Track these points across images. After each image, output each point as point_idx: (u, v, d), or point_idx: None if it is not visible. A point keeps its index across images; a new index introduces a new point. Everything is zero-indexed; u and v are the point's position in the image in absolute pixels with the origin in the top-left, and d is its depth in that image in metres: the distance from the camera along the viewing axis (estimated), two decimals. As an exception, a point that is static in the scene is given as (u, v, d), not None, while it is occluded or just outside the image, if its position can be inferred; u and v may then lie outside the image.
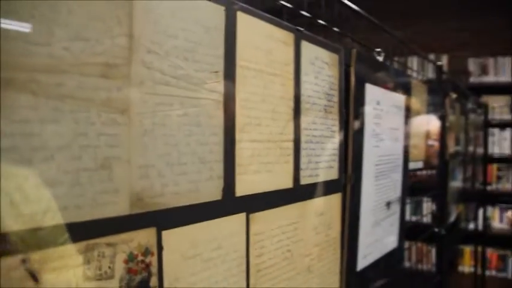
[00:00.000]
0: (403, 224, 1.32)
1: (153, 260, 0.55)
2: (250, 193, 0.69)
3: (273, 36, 0.74)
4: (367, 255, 1.09)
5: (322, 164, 0.89)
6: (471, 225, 3.47)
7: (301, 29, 0.81)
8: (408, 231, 1.64)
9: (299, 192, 0.82)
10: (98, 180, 0.48)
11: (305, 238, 0.84)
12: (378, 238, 1.15)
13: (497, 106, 4.39)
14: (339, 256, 0.97)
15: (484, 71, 4.52)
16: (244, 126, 0.68)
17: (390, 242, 1.24)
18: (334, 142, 0.93)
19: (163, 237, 0.55)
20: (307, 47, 0.82)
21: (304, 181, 0.83)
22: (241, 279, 0.69)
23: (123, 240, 0.51)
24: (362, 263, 1.07)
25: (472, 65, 4.59)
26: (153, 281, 0.55)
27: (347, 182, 0.97)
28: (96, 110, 0.47)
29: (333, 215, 0.94)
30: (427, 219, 2.33)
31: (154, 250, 0.55)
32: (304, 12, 0.86)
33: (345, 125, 0.96)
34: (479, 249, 3.62)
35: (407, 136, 1.31)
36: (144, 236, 0.53)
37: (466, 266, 4.16)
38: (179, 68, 0.56)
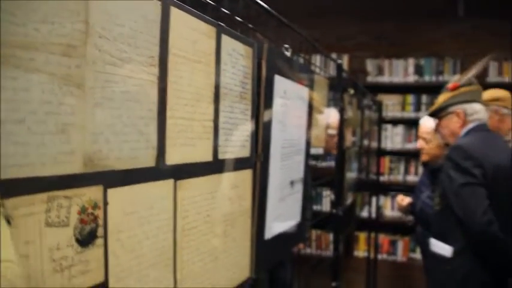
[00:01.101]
0: (305, 201, 1.53)
1: (100, 213, 0.67)
2: (178, 163, 0.83)
3: (199, 29, 0.88)
4: (274, 226, 1.28)
5: (236, 143, 1.05)
6: (365, 213, 3.87)
7: (222, 24, 0.96)
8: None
9: (217, 166, 0.97)
10: (59, 142, 0.59)
11: (222, 206, 1.00)
12: (283, 212, 1.34)
13: (390, 104, 4.89)
14: (250, 224, 1.14)
15: (380, 71, 5.01)
16: (174, 105, 0.82)
17: (294, 216, 1.45)
18: (246, 124, 1.09)
19: (108, 194, 0.68)
20: (226, 40, 0.98)
21: (221, 156, 0.99)
22: (169, 236, 0.82)
23: (77, 194, 0.63)
24: (269, 232, 1.25)
25: (370, 65, 5.06)
26: (100, 231, 0.67)
27: (257, 160, 1.14)
28: (58, 83, 0.59)
29: (245, 188, 1.11)
30: (326, 207, 2.61)
31: (101, 205, 0.67)
32: (224, 10, 1.02)
33: (256, 110, 1.13)
34: (372, 235, 4.04)
35: (309, 125, 1.52)
36: (94, 192, 0.65)
37: (361, 251, 4.62)
38: (124, 51, 0.69)
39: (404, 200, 2.95)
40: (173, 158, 0.82)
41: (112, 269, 0.69)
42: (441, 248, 2.29)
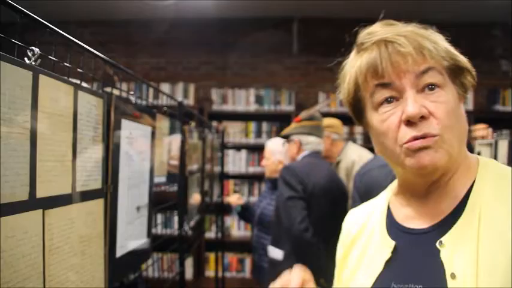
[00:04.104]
0: (150, 223, 1.86)
1: (-12, 236, 0.92)
2: (45, 196, 1.11)
3: (60, 89, 1.17)
4: (123, 245, 1.58)
5: (91, 177, 1.35)
6: (213, 234, 4.28)
7: (79, 82, 1.26)
8: (162, 243, 2.20)
9: (75, 197, 1.26)
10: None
11: (80, 229, 1.28)
12: (131, 234, 1.65)
13: (233, 131, 5.43)
14: (103, 245, 1.43)
15: (224, 100, 5.54)
16: (42, 151, 1.10)
17: (140, 237, 1.76)
18: (98, 161, 1.39)
19: (-5, 222, 0.94)
20: (82, 95, 1.28)
21: (78, 189, 1.27)
22: (40, 255, 1.09)
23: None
24: (120, 251, 1.55)
25: (215, 94, 5.57)
26: (-12, 250, 0.92)
27: (107, 191, 1.44)
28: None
29: (98, 214, 1.40)
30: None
31: (-10, 230, 0.93)
32: (81, 70, 1.32)
33: (106, 149, 1.44)
34: (219, 254, 4.47)
35: (153, 157, 1.86)
36: (-16, 221, 0.91)
37: (212, 271, 5.04)
38: (5, 113, 0.96)
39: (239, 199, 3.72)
40: (42, 192, 1.09)
41: (-3, 280, 0.95)
42: (275, 253, 2.85)
